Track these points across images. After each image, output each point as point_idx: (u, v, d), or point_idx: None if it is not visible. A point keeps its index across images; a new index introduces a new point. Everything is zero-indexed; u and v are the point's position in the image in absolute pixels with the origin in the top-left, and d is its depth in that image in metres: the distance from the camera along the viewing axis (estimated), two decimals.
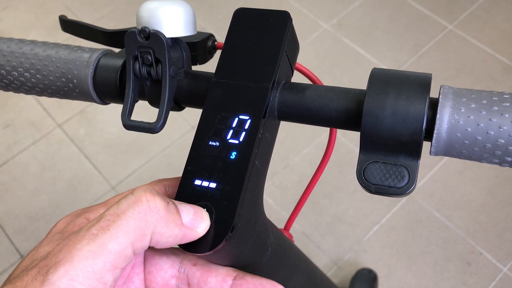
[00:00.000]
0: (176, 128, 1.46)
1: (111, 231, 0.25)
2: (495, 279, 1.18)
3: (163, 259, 0.32)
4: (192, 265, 0.31)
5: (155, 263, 0.32)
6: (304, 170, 1.36)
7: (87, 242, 0.25)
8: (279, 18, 0.35)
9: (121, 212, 0.26)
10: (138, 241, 0.26)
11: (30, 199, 1.39)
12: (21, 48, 0.40)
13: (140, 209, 0.26)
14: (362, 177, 0.31)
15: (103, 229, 0.25)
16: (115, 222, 0.25)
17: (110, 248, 0.25)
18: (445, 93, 0.30)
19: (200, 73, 0.37)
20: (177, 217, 0.27)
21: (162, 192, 0.32)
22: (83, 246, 0.25)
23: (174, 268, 0.32)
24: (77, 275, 0.24)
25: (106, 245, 0.25)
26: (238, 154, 0.30)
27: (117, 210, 0.26)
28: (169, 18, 0.35)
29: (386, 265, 1.22)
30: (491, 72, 1.50)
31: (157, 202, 0.27)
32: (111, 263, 0.25)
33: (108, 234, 0.25)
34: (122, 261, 0.25)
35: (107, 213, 0.26)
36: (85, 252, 0.24)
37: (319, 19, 1.67)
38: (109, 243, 0.25)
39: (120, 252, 0.25)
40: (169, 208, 0.27)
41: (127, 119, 0.35)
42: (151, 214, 0.26)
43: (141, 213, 0.26)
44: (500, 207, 1.27)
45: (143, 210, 0.26)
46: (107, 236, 0.25)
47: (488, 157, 0.30)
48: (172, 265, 0.32)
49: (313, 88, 0.34)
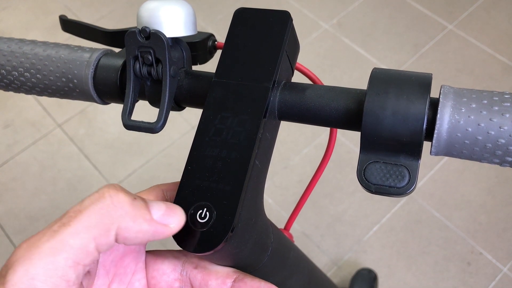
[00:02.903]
0: (176, 128, 1.46)
1: (72, 227, 0.25)
2: (495, 279, 1.18)
3: (165, 264, 0.32)
4: (193, 268, 0.31)
5: (157, 268, 0.32)
6: (304, 170, 1.36)
7: (47, 239, 0.24)
8: (279, 18, 0.35)
9: (84, 208, 0.25)
10: (101, 237, 0.25)
11: (30, 199, 1.38)
12: (21, 48, 0.40)
13: (103, 205, 0.26)
14: (362, 177, 0.31)
15: (64, 225, 0.25)
16: (76, 217, 0.25)
17: (71, 244, 0.24)
18: (446, 93, 0.30)
19: (200, 73, 0.37)
20: (145, 212, 0.27)
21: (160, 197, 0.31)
22: (43, 243, 0.24)
23: (177, 272, 0.31)
24: (37, 273, 0.23)
25: (67, 240, 0.24)
26: (238, 154, 0.30)
27: (79, 206, 0.26)
28: (170, 18, 0.35)
29: (386, 265, 1.22)
30: (491, 72, 1.50)
31: (120, 197, 0.26)
32: (73, 259, 0.24)
33: (69, 229, 0.24)
34: (84, 257, 0.25)
35: (70, 210, 0.26)
36: (45, 249, 0.24)
37: (319, 19, 1.67)
38: (70, 239, 0.24)
39: (81, 247, 0.24)
40: (135, 203, 0.27)
41: (127, 119, 0.35)
42: (115, 210, 0.26)
43: (103, 208, 0.25)
44: (500, 207, 1.27)
45: (105, 205, 0.26)
46: (68, 231, 0.24)
47: (488, 157, 0.30)
48: (174, 268, 0.32)
49: (313, 88, 0.34)
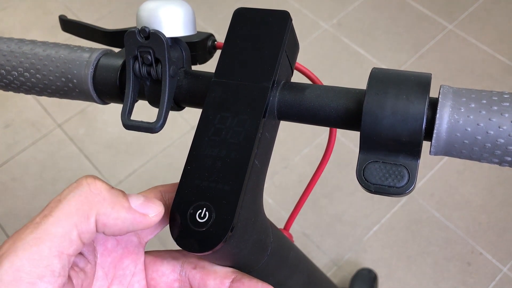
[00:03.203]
0: (176, 128, 1.46)
1: (53, 216, 0.25)
2: (495, 279, 1.18)
3: (164, 265, 0.32)
4: (192, 268, 0.31)
5: (156, 269, 0.32)
6: (304, 170, 1.36)
7: (31, 231, 0.25)
8: (279, 18, 0.35)
9: (63, 198, 0.26)
10: (82, 224, 0.26)
11: (30, 199, 1.39)
12: (20, 48, 0.40)
13: (81, 192, 0.26)
14: (362, 176, 0.31)
15: (46, 216, 0.26)
16: (57, 207, 0.26)
17: (54, 232, 0.25)
18: (445, 93, 0.30)
19: (200, 73, 0.37)
20: (123, 200, 0.28)
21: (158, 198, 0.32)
22: (27, 235, 0.25)
23: (176, 272, 0.32)
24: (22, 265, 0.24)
25: (49, 229, 0.25)
26: (237, 154, 0.30)
27: (59, 197, 0.27)
28: (169, 18, 0.35)
29: (386, 265, 1.22)
30: (491, 72, 1.50)
31: (98, 185, 0.27)
32: (56, 247, 0.25)
33: (51, 219, 0.25)
34: (68, 245, 0.25)
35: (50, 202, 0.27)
36: (29, 240, 0.25)
37: (319, 19, 1.67)
38: (52, 227, 0.25)
39: (64, 235, 0.25)
40: (112, 191, 0.28)
41: (127, 118, 0.35)
42: (93, 196, 0.27)
43: (82, 195, 0.26)
44: (500, 207, 1.27)
45: (84, 192, 0.27)
46: (50, 221, 0.25)
47: (487, 157, 0.30)
48: (173, 269, 0.32)
49: (313, 88, 0.34)
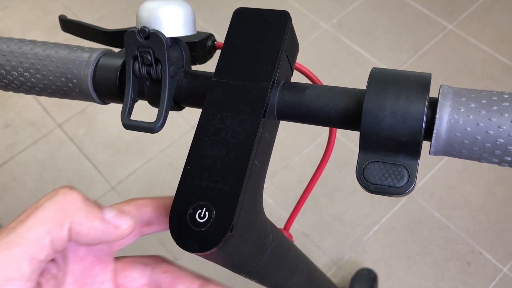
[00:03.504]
0: (176, 128, 1.46)
1: (28, 222, 0.26)
2: (495, 279, 1.18)
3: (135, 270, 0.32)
4: (162, 272, 0.32)
5: (126, 275, 0.32)
6: (304, 170, 1.36)
7: (5, 235, 0.26)
8: (279, 18, 0.35)
9: (39, 205, 0.27)
10: (55, 231, 0.27)
11: (30, 199, 1.38)
12: (20, 48, 0.40)
13: (57, 200, 0.27)
14: (361, 176, 0.31)
15: (21, 222, 0.26)
16: (33, 213, 0.27)
17: (27, 237, 0.26)
18: (445, 93, 0.30)
19: (199, 73, 0.37)
20: (97, 211, 0.28)
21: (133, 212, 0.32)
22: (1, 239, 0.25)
23: (145, 277, 0.32)
24: None
25: (23, 234, 0.26)
26: (237, 154, 0.30)
27: (36, 204, 0.27)
28: (169, 18, 0.35)
29: (386, 265, 1.22)
30: (491, 72, 1.50)
31: (74, 195, 0.28)
32: (28, 252, 0.25)
33: (25, 225, 0.26)
34: (39, 250, 0.26)
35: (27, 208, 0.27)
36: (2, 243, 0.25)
37: (319, 19, 1.67)
38: (26, 233, 0.26)
39: (36, 240, 0.26)
40: (87, 202, 0.28)
41: (126, 118, 0.35)
42: (68, 204, 0.27)
43: (57, 203, 0.27)
44: (500, 207, 1.27)
45: (59, 200, 0.27)
46: (24, 226, 0.26)
47: (487, 157, 0.30)
48: (143, 274, 0.32)
49: (312, 88, 0.34)
